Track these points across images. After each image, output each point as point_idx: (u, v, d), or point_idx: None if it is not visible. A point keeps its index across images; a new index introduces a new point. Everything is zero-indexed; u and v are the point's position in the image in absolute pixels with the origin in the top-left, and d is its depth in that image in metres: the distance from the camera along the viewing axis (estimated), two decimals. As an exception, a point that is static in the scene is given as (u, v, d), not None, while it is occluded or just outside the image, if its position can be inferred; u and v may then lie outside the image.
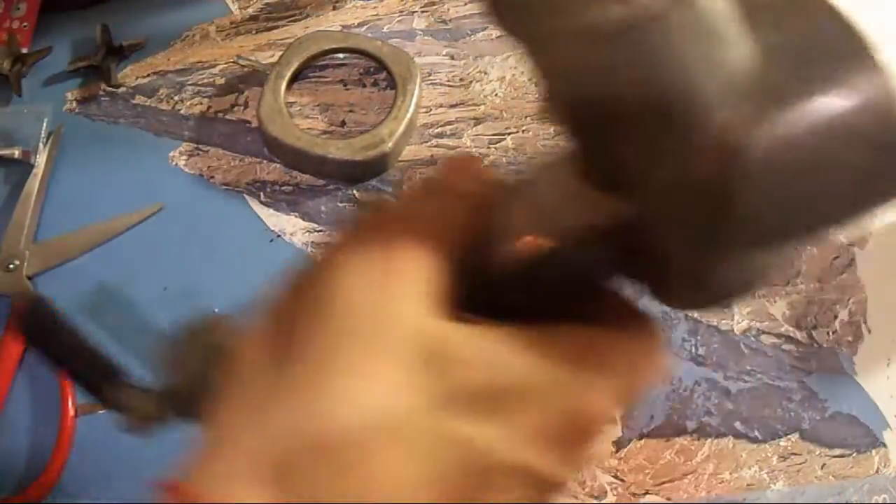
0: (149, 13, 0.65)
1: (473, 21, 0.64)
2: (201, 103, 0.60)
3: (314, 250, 0.22)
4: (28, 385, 0.51)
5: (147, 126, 0.59)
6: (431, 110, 0.61)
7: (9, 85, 0.60)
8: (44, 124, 0.58)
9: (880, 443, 0.51)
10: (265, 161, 0.58)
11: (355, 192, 0.56)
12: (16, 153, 0.57)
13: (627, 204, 0.24)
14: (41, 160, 0.57)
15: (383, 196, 0.25)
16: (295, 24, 0.65)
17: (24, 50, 0.62)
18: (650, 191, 0.24)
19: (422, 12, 0.65)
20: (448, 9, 0.65)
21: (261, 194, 0.57)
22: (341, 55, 0.62)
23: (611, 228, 0.25)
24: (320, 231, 0.55)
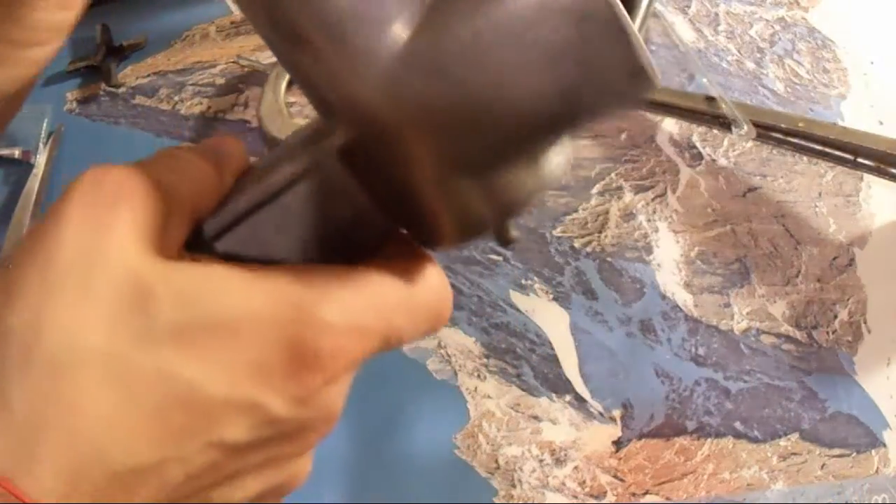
0: (149, 13, 0.65)
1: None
2: (201, 103, 0.60)
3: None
4: None
5: (147, 126, 0.59)
6: (431, 110, 0.61)
7: (9, 85, 0.60)
8: (44, 124, 0.59)
9: (880, 443, 0.51)
10: (265, 161, 0.58)
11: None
12: (16, 153, 0.57)
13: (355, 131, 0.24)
14: (41, 160, 0.57)
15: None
16: (295, 24, 0.64)
17: (24, 50, 0.62)
18: (358, 124, 0.24)
19: (422, 12, 0.65)
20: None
21: (261, 194, 0.57)
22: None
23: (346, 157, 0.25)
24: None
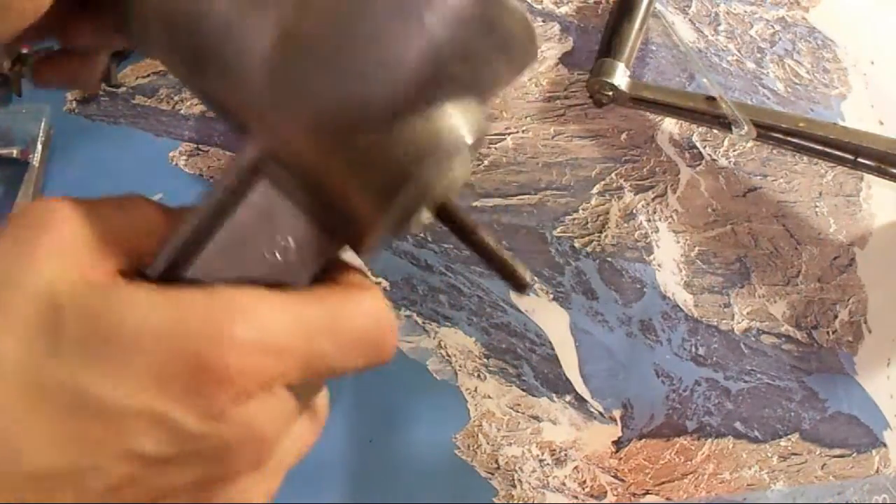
0: (149, 13, 0.65)
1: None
2: (201, 103, 0.60)
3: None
4: None
5: (147, 126, 0.59)
6: (431, 110, 0.61)
7: (9, 85, 0.60)
8: (42, 123, 0.59)
9: (880, 443, 0.51)
10: (265, 161, 0.58)
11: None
12: (14, 152, 0.57)
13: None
14: (39, 159, 0.57)
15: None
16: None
17: (24, 50, 0.62)
18: (257, 119, 0.25)
19: (422, 12, 0.65)
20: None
21: (261, 194, 0.57)
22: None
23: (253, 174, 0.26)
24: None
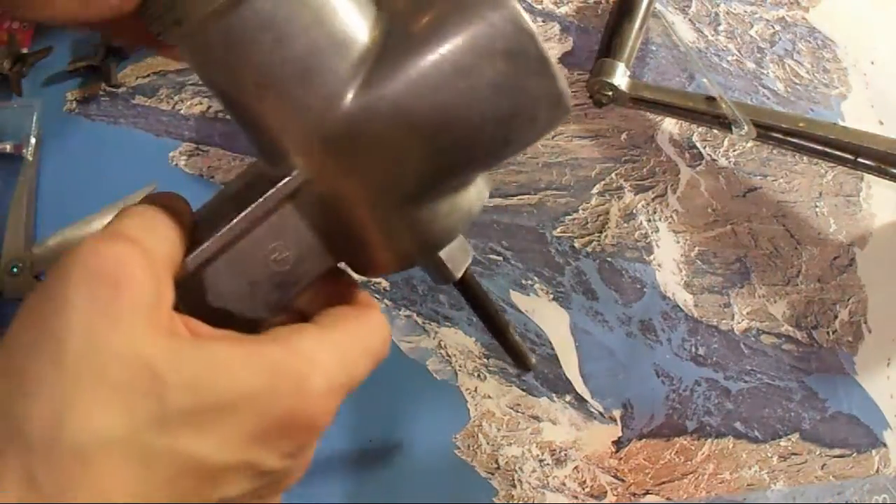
0: (149, 13, 0.65)
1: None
2: (201, 103, 0.60)
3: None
4: None
5: (147, 126, 0.59)
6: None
7: (9, 85, 0.60)
8: (34, 119, 0.59)
9: (880, 443, 0.51)
10: (265, 161, 0.58)
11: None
12: (7, 147, 0.58)
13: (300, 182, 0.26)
14: (33, 154, 0.57)
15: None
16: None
17: (24, 50, 0.62)
18: (313, 145, 0.26)
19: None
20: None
21: (261, 194, 0.57)
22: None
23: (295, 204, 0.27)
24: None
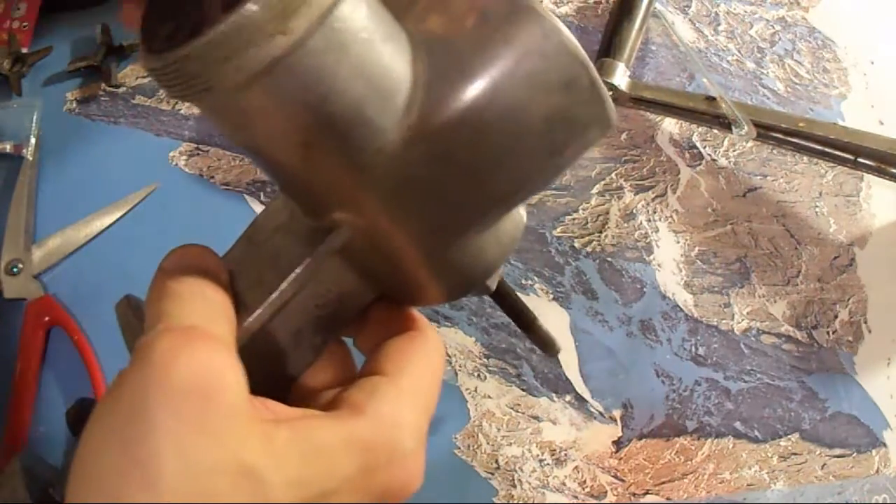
0: (149, 13, 0.65)
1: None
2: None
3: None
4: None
5: (147, 126, 0.59)
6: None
7: (9, 85, 0.60)
8: (34, 118, 0.59)
9: (880, 443, 0.51)
10: (265, 161, 0.58)
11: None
12: (7, 147, 0.58)
13: (342, 228, 0.25)
14: (33, 154, 0.57)
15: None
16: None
17: (25, 50, 0.62)
18: (364, 198, 0.24)
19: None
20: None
21: (261, 194, 0.57)
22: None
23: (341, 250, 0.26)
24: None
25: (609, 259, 0.54)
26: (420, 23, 0.25)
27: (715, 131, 0.58)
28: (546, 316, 0.53)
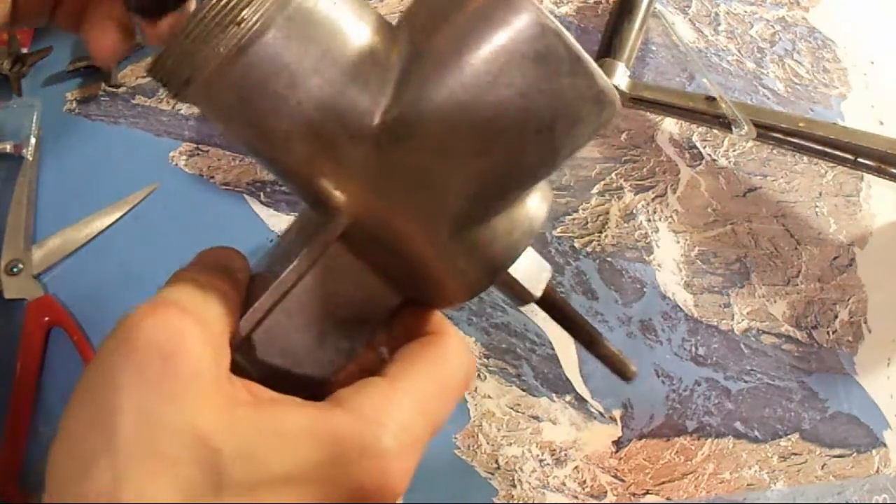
0: (149, 13, 0.65)
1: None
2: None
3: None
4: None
5: (147, 126, 0.59)
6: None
7: (9, 85, 0.60)
8: (34, 118, 0.59)
9: (880, 443, 0.51)
10: (265, 161, 0.58)
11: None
12: (7, 147, 0.58)
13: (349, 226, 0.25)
14: (33, 154, 0.57)
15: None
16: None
17: (24, 50, 0.62)
18: (354, 185, 0.25)
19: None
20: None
21: (261, 194, 0.57)
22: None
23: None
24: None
25: (609, 259, 0.54)
26: (411, 17, 0.25)
27: (715, 131, 0.58)
28: (546, 316, 0.53)
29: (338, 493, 0.23)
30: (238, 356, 0.25)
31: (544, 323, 0.53)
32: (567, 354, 0.52)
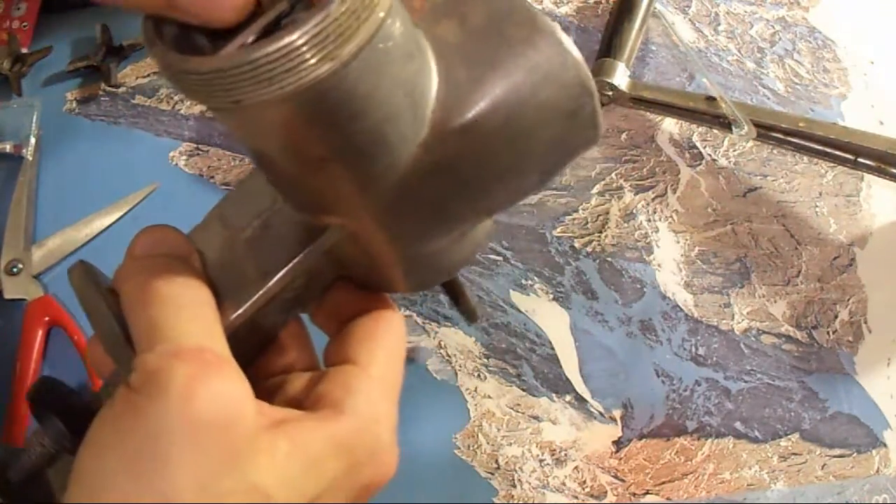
0: (149, 13, 0.65)
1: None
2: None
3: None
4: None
5: (147, 126, 0.59)
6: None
7: (9, 85, 0.60)
8: (34, 118, 0.59)
9: (880, 443, 0.51)
10: (265, 161, 0.58)
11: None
12: (7, 147, 0.58)
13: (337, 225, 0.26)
14: (33, 154, 0.57)
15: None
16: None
17: (24, 50, 0.62)
18: (366, 208, 0.25)
19: (422, 12, 0.65)
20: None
21: (261, 194, 0.57)
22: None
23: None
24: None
25: (609, 259, 0.54)
26: (432, 25, 0.24)
27: (715, 131, 0.58)
28: (546, 316, 0.53)
29: (354, 494, 0.25)
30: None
31: (544, 323, 0.53)
32: (567, 354, 0.52)
